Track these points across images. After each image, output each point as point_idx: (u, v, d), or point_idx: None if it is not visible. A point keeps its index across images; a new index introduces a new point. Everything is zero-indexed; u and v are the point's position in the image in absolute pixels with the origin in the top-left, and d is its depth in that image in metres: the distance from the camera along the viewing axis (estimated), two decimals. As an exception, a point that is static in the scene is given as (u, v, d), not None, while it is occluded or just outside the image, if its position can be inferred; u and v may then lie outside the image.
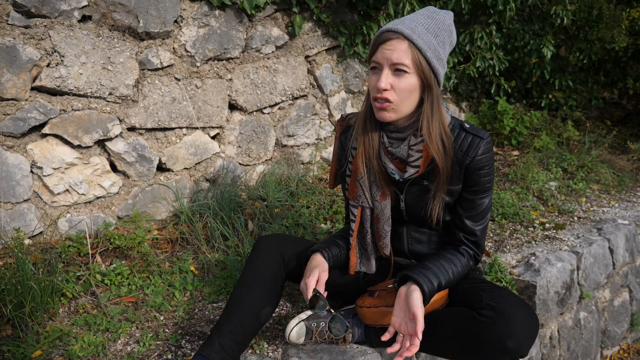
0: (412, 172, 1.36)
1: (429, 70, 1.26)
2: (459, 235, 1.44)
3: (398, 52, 1.24)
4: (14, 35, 1.87)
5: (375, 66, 1.29)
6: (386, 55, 1.25)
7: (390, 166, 1.40)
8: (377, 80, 1.27)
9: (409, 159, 1.36)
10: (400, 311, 1.27)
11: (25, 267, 1.63)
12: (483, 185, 1.38)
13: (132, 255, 2.00)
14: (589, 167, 3.58)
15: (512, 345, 1.19)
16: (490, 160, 1.37)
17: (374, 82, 1.29)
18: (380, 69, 1.28)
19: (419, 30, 1.25)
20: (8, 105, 1.89)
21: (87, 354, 1.50)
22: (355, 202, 1.50)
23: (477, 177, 1.36)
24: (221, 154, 2.58)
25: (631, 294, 2.82)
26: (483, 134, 1.35)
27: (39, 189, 2.01)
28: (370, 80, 1.32)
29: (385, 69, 1.26)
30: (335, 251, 1.52)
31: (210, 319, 1.73)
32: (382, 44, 1.26)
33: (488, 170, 1.37)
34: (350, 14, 3.04)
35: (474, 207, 1.41)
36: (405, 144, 1.36)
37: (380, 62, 1.27)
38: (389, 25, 1.27)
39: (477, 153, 1.34)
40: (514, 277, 2.11)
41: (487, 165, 1.36)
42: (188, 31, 2.34)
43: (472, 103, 4.20)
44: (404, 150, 1.36)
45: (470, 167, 1.35)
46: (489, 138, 1.36)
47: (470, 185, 1.38)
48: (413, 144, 1.34)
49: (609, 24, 3.88)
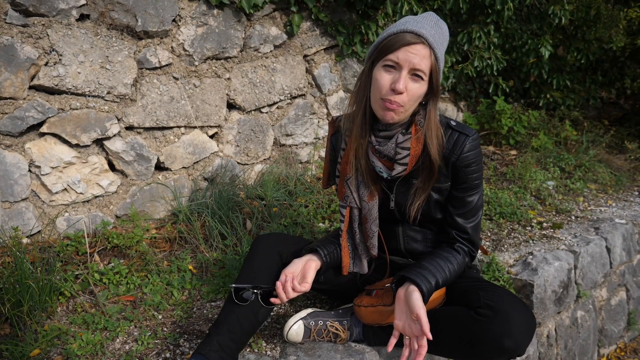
0: (399, 170, 1.36)
1: (437, 79, 1.29)
2: (452, 233, 1.44)
3: (421, 57, 1.24)
4: (12, 34, 1.87)
5: (392, 65, 1.26)
6: (409, 58, 1.24)
7: (378, 164, 1.41)
8: (393, 80, 1.26)
9: (397, 157, 1.36)
10: (402, 313, 1.27)
11: (24, 266, 1.63)
12: (471, 182, 1.39)
13: (130, 254, 2.00)
14: (586, 166, 3.59)
15: (510, 344, 1.20)
16: (478, 157, 1.38)
17: (388, 81, 1.26)
18: (398, 70, 1.26)
19: (436, 39, 1.26)
20: (6, 104, 1.89)
21: (85, 353, 1.50)
22: (343, 203, 1.50)
23: (464, 174, 1.37)
24: (219, 153, 2.58)
25: (628, 293, 2.83)
26: (469, 131, 1.37)
27: (37, 188, 2.01)
28: (381, 77, 1.28)
29: (404, 71, 1.25)
30: (330, 248, 1.51)
31: (209, 317, 1.73)
32: (407, 46, 1.24)
33: (475, 168, 1.38)
34: (349, 13, 3.04)
35: (464, 204, 1.42)
36: (393, 141, 1.36)
37: (401, 64, 1.25)
38: (412, 27, 1.24)
39: (463, 150, 1.35)
40: (511, 276, 2.12)
41: (474, 163, 1.37)
42: (186, 30, 2.34)
43: (470, 102, 4.21)
44: (392, 148, 1.36)
45: (457, 165, 1.36)
46: (475, 135, 1.37)
47: (459, 183, 1.39)
48: (400, 142, 1.35)
49: (606, 24, 3.89)
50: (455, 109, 4.13)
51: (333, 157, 1.56)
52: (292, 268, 1.42)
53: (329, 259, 1.49)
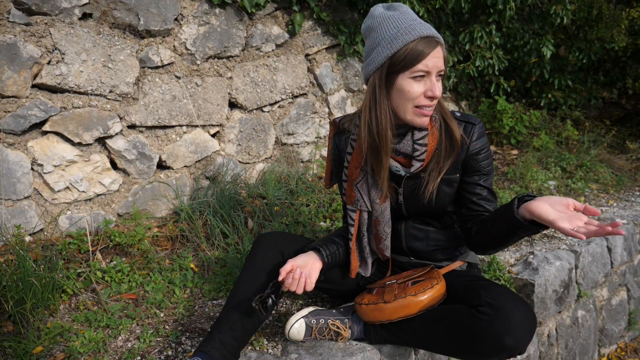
0: (417, 166, 1.38)
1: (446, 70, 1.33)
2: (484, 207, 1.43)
3: (442, 59, 1.27)
4: (15, 32, 1.87)
5: (423, 74, 1.26)
6: (436, 64, 1.26)
7: (394, 164, 1.41)
8: (426, 88, 1.27)
9: (415, 154, 1.37)
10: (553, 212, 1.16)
11: (26, 264, 1.64)
12: (484, 169, 1.41)
13: (132, 253, 2.00)
14: (587, 166, 3.59)
15: (510, 343, 1.20)
16: (485, 143, 1.41)
17: (421, 90, 1.27)
18: (428, 77, 1.27)
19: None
20: (9, 102, 1.89)
21: (87, 350, 1.51)
22: (353, 207, 1.49)
23: (476, 162, 1.40)
24: (221, 152, 2.59)
25: (629, 292, 2.83)
26: (474, 120, 1.39)
27: (40, 186, 2.01)
28: (413, 88, 1.27)
29: (433, 77, 1.27)
30: (332, 248, 1.50)
31: (210, 316, 1.73)
32: (432, 52, 1.25)
33: (485, 154, 1.41)
34: (350, 12, 3.04)
35: (483, 189, 1.43)
36: (408, 138, 1.37)
37: (431, 71, 1.26)
38: (428, 32, 1.24)
39: (472, 139, 1.38)
40: (512, 276, 2.12)
41: (483, 149, 1.40)
42: (188, 29, 2.34)
43: (472, 102, 4.21)
44: (409, 145, 1.37)
45: (468, 154, 1.39)
46: (480, 123, 1.40)
47: (472, 172, 1.41)
48: (417, 138, 1.36)
49: (608, 24, 3.89)
50: (456, 108, 4.13)
51: (336, 157, 1.55)
52: (299, 261, 1.40)
53: (329, 260, 1.48)
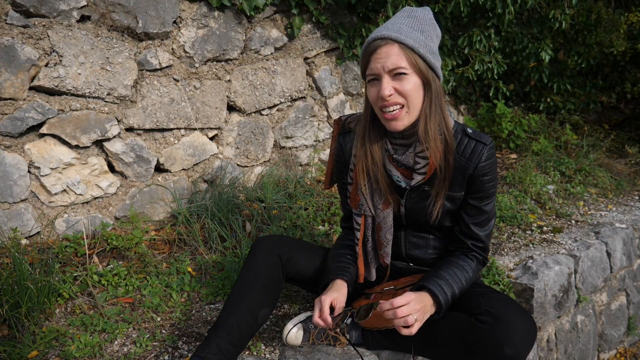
0: (418, 179, 1.35)
1: (425, 66, 1.26)
2: (467, 243, 1.43)
3: (391, 57, 1.23)
4: (13, 34, 1.87)
5: (373, 78, 1.27)
6: (381, 64, 1.24)
7: (396, 173, 1.40)
8: (378, 90, 1.26)
9: (416, 167, 1.35)
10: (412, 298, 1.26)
11: (22, 267, 1.62)
12: (487, 191, 1.38)
13: (129, 256, 1.99)
14: (586, 170, 3.58)
15: (510, 352, 1.19)
16: (494, 166, 1.36)
17: (375, 93, 1.27)
18: (378, 79, 1.26)
19: (404, 30, 1.24)
20: (6, 104, 1.89)
21: (83, 355, 1.49)
22: (358, 211, 1.48)
23: (481, 183, 1.36)
24: (219, 155, 2.58)
25: (628, 297, 2.82)
26: (486, 139, 1.34)
27: (37, 189, 2.00)
28: (370, 94, 1.29)
29: (384, 77, 1.24)
30: (351, 270, 1.50)
31: (208, 320, 1.72)
32: (373, 54, 1.25)
33: (491, 176, 1.36)
34: (349, 16, 3.04)
35: (480, 213, 1.40)
36: (411, 151, 1.35)
37: (377, 72, 1.25)
38: (373, 35, 1.26)
39: (481, 160, 1.33)
40: (511, 280, 2.11)
41: (490, 172, 1.36)
42: (187, 32, 2.34)
43: (471, 106, 4.21)
44: (411, 158, 1.35)
45: (474, 175, 1.34)
46: (492, 144, 1.35)
47: (475, 192, 1.38)
48: (419, 151, 1.33)
49: (607, 29, 3.89)
50: (455, 112, 4.13)
51: (339, 158, 1.53)
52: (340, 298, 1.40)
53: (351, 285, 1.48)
